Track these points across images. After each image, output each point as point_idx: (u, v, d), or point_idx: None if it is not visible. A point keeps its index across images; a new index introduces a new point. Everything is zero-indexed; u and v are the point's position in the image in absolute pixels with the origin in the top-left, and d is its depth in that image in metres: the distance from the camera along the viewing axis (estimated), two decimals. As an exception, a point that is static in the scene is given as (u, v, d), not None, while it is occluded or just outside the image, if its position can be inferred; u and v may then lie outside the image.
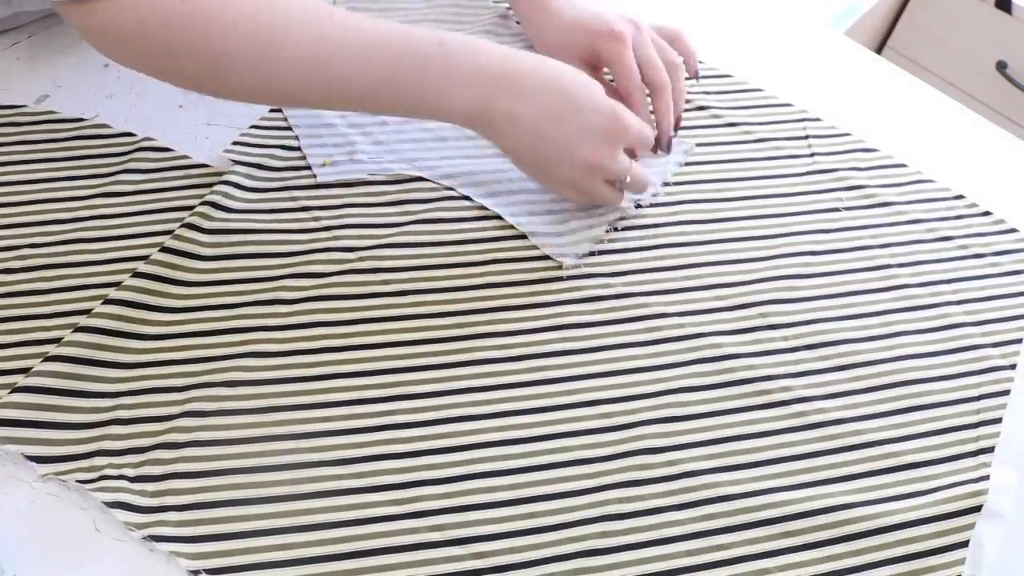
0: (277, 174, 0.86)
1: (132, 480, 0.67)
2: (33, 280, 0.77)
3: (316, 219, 0.84)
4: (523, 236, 0.85)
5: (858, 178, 0.97)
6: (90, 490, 0.66)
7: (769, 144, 0.99)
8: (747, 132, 0.99)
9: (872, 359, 0.82)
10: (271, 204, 0.84)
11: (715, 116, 1.00)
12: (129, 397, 0.71)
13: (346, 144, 0.90)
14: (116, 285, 0.76)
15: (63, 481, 0.67)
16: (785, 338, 0.82)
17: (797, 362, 0.81)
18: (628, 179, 0.83)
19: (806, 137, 1.01)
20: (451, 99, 0.77)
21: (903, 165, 1.00)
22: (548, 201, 0.88)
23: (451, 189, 0.88)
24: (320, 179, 0.87)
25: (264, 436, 0.70)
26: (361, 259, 0.81)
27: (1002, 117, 1.69)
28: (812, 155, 0.99)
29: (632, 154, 0.85)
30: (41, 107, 0.89)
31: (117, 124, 0.89)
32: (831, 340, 0.82)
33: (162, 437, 0.69)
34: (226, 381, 0.73)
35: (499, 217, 0.86)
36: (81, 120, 0.89)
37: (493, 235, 0.85)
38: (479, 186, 0.88)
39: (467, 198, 0.87)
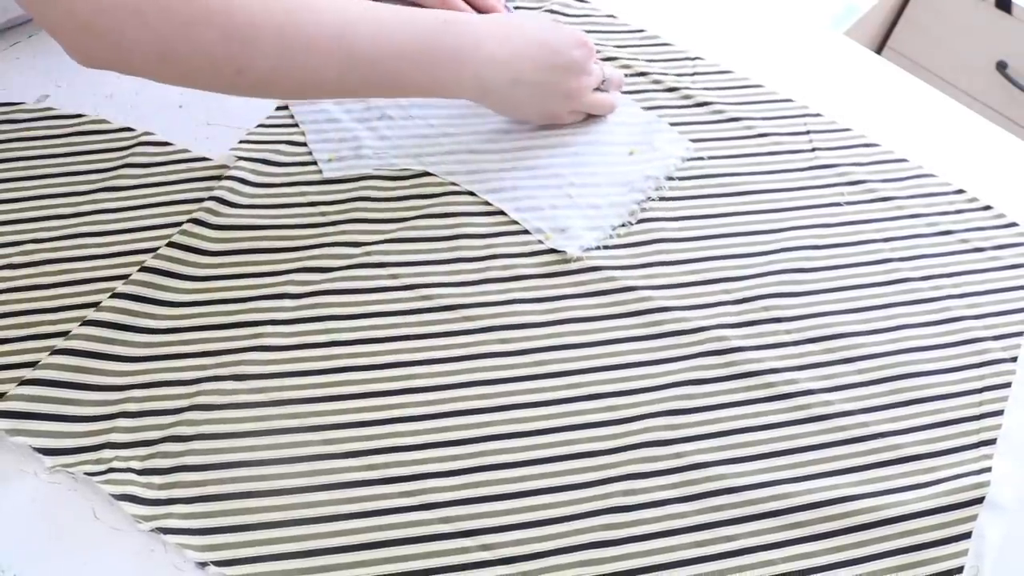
0: (283, 169, 0.87)
1: (140, 473, 0.67)
2: (37, 275, 0.77)
3: (323, 214, 0.84)
4: (527, 231, 0.86)
5: (859, 173, 0.98)
6: (98, 483, 0.66)
7: (771, 139, 0.99)
8: (749, 127, 1.00)
9: (875, 352, 0.82)
10: (277, 199, 0.85)
11: (717, 112, 1.01)
12: (137, 390, 0.71)
13: (352, 139, 0.91)
14: (120, 279, 0.76)
15: (71, 473, 0.67)
16: (788, 331, 0.82)
17: (801, 355, 0.81)
18: (604, 81, 0.94)
19: (807, 132, 1.01)
20: (459, 78, 0.83)
21: (904, 160, 1.00)
22: (552, 196, 0.89)
23: (455, 185, 0.88)
24: (326, 174, 0.87)
25: (272, 429, 0.71)
26: (367, 254, 0.82)
27: (1002, 117, 1.70)
28: (813, 150, 0.99)
29: None
30: (41, 107, 0.90)
31: (117, 123, 0.89)
32: (834, 333, 0.83)
33: (170, 430, 0.69)
34: (234, 375, 0.73)
35: (503, 213, 0.87)
36: (81, 116, 0.89)
37: (497, 230, 0.85)
38: (483, 182, 0.89)
39: (472, 193, 0.87)
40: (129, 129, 0.88)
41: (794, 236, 0.90)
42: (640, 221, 0.89)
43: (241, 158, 0.87)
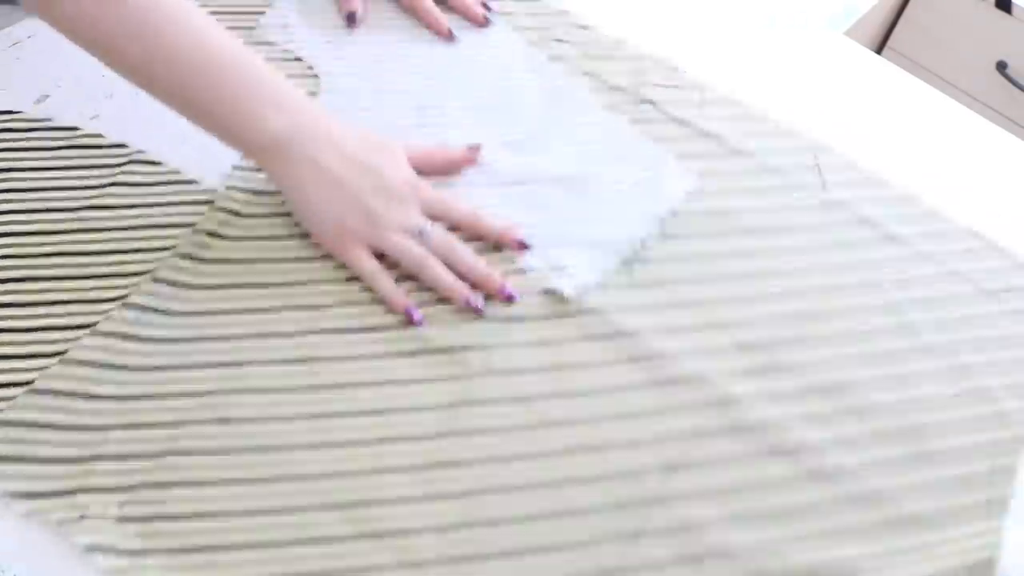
0: (276, 199, 0.84)
1: (116, 520, 0.65)
2: (14, 292, 0.76)
3: (316, 247, 0.81)
4: (523, 270, 0.83)
5: (871, 212, 0.94)
6: (72, 531, 0.64)
7: (780, 174, 0.96)
8: (757, 161, 0.96)
9: (883, 406, 0.79)
10: (268, 231, 0.82)
11: (724, 144, 0.97)
12: (116, 432, 0.69)
13: None
14: (101, 302, 0.75)
15: (45, 518, 0.65)
16: (792, 379, 0.79)
17: (804, 406, 0.78)
18: (421, 232, 0.80)
19: (817, 167, 0.97)
20: (264, 121, 0.76)
21: (917, 197, 0.96)
22: (550, 233, 0.86)
23: None
24: None
25: (256, 478, 0.68)
26: (362, 289, 0.79)
27: (1002, 117, 1.71)
28: (824, 186, 0.96)
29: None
30: (41, 107, 0.90)
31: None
32: (841, 385, 0.80)
33: (149, 476, 0.67)
34: (219, 418, 0.71)
35: (498, 249, 0.84)
36: (76, 129, 0.88)
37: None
38: None
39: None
40: (122, 145, 0.87)
41: (802, 277, 0.87)
42: (641, 260, 0.85)
43: (232, 187, 0.84)
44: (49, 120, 0.88)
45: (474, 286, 0.79)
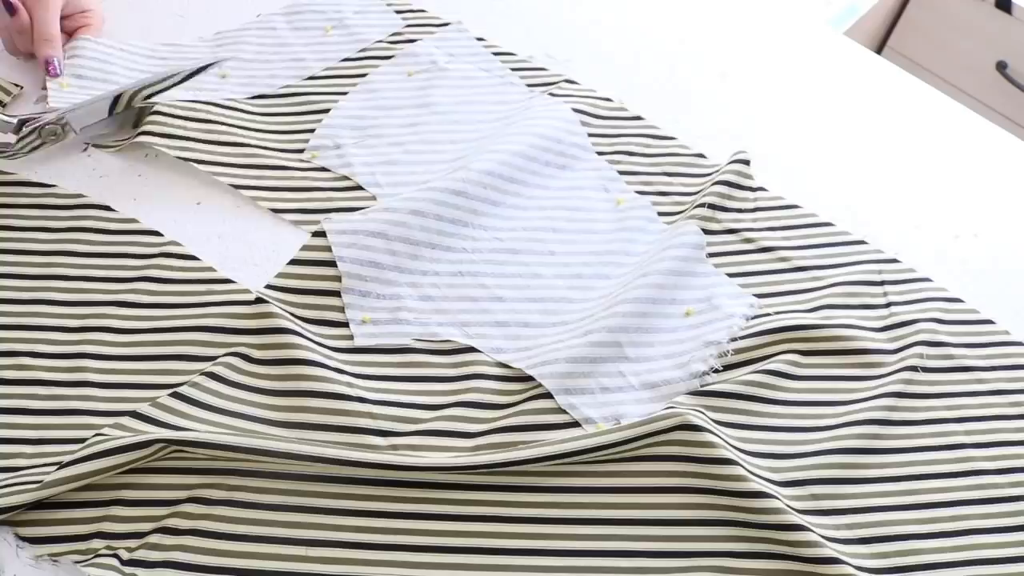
0: (307, 330, 0.80)
1: (124, 563, 0.65)
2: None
3: (350, 385, 0.77)
4: (575, 424, 0.77)
5: (940, 333, 0.86)
6: (82, 566, 0.65)
7: (842, 290, 0.88)
8: (817, 278, 0.90)
9: (938, 561, 0.71)
10: (303, 354, 0.77)
11: (782, 259, 0.91)
12: (135, 476, 0.69)
13: (390, 297, 0.83)
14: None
15: (56, 562, 0.66)
16: (838, 527, 0.73)
17: (850, 556, 0.70)
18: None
19: (882, 283, 0.90)
20: None
21: (989, 322, 0.88)
22: (605, 373, 0.79)
23: (504, 366, 0.80)
24: (357, 341, 0.80)
25: (271, 536, 0.68)
26: (394, 447, 0.74)
27: (1002, 117, 1.68)
28: (888, 305, 0.88)
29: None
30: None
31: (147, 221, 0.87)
32: (890, 534, 0.73)
33: (163, 522, 0.67)
34: (239, 470, 0.70)
35: (550, 395, 0.77)
36: (112, 211, 0.87)
37: (542, 421, 0.77)
38: (532, 358, 0.80)
39: (522, 379, 0.79)
40: (157, 233, 0.86)
41: (861, 409, 0.80)
42: (698, 392, 0.80)
43: (267, 300, 0.81)
44: (84, 197, 0.87)
45: None
